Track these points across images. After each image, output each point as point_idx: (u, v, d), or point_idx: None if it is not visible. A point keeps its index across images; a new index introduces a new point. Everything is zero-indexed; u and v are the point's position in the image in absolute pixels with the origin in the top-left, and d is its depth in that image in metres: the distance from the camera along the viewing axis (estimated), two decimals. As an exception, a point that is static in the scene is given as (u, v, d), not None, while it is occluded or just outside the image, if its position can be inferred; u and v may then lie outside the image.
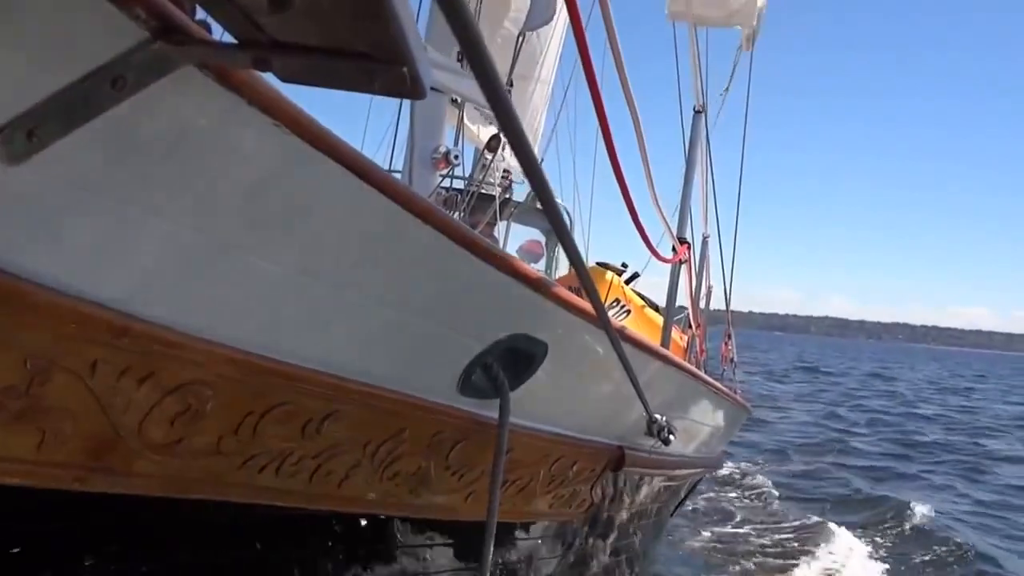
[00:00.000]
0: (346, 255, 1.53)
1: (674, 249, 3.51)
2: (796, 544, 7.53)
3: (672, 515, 5.97)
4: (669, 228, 3.37)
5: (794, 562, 6.91)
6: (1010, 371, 70.75)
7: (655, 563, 6.16)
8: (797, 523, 8.30)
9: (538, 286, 1.91)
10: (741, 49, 6.18)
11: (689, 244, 3.65)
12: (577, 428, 2.62)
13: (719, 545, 7.38)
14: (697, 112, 3.72)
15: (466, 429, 2.12)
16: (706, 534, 7.67)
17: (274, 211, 1.36)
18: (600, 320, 1.80)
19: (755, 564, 6.87)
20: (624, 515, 3.71)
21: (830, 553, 7.21)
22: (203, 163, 1.21)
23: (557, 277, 6.01)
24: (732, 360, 7.17)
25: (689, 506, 7.56)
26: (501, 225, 6.67)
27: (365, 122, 7.47)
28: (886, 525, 8.37)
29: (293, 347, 1.60)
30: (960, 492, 10.80)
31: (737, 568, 6.68)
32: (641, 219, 2.65)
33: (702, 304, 5.45)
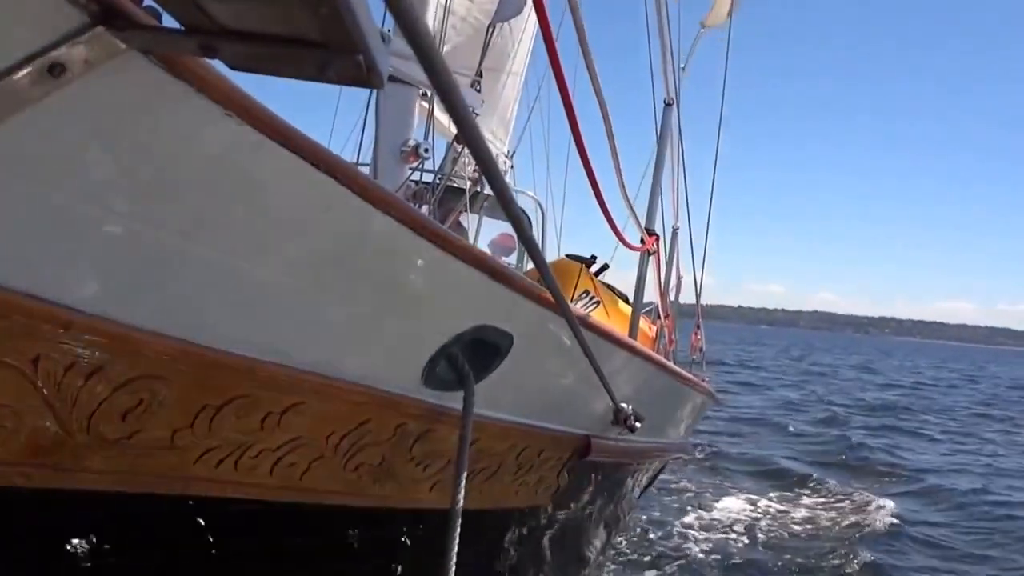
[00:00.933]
0: (302, 246, 1.51)
1: (642, 240, 3.54)
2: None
3: (639, 498, 6.08)
4: (636, 218, 3.40)
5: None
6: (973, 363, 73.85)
7: (622, 545, 6.38)
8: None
9: (503, 278, 1.92)
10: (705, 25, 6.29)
11: (658, 236, 3.69)
12: (543, 417, 2.64)
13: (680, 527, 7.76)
14: (667, 104, 3.75)
15: (431, 420, 2.12)
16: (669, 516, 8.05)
17: (224, 201, 1.34)
18: (561, 309, 1.81)
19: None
20: (591, 500, 3.75)
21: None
22: (149, 153, 1.19)
23: (528, 269, 6.04)
24: (701, 349, 7.30)
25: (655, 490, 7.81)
26: (473, 218, 6.68)
27: (334, 115, 7.44)
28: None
29: (249, 339, 1.58)
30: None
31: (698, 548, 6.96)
32: (611, 210, 2.69)
33: (672, 295, 5.51)
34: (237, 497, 1.83)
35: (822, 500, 9.60)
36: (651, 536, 7.24)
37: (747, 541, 7.40)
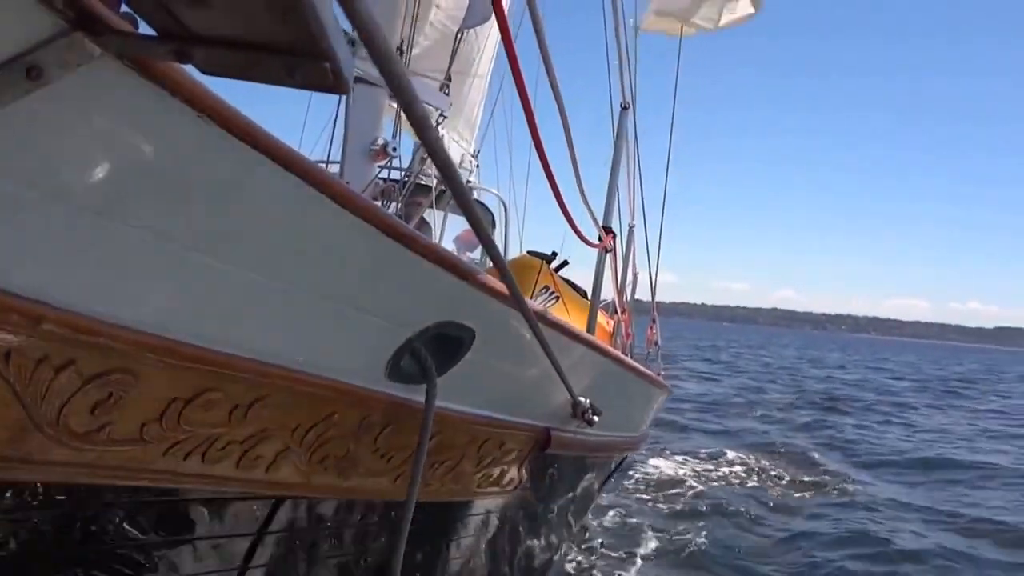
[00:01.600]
0: (271, 244, 1.54)
1: (600, 238, 3.63)
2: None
3: (600, 490, 6.18)
4: (594, 217, 3.49)
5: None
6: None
7: (585, 535, 6.51)
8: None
9: (465, 274, 1.96)
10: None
11: (615, 234, 3.79)
12: (505, 410, 2.71)
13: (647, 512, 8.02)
14: (624, 108, 3.84)
15: (395, 413, 2.17)
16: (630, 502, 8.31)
17: (193, 199, 1.37)
18: (517, 305, 1.86)
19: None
20: (552, 492, 3.83)
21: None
22: (122, 153, 1.22)
23: (490, 267, 6.09)
24: (656, 343, 7.44)
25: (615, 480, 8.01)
26: (438, 214, 6.76)
27: (305, 113, 7.47)
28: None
29: (217, 334, 1.61)
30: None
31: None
32: (571, 208, 2.77)
33: (629, 291, 5.64)
34: (204, 489, 1.85)
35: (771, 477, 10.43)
36: (611, 525, 7.40)
37: (703, 527, 7.59)
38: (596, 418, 2.99)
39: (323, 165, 5.53)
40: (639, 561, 6.43)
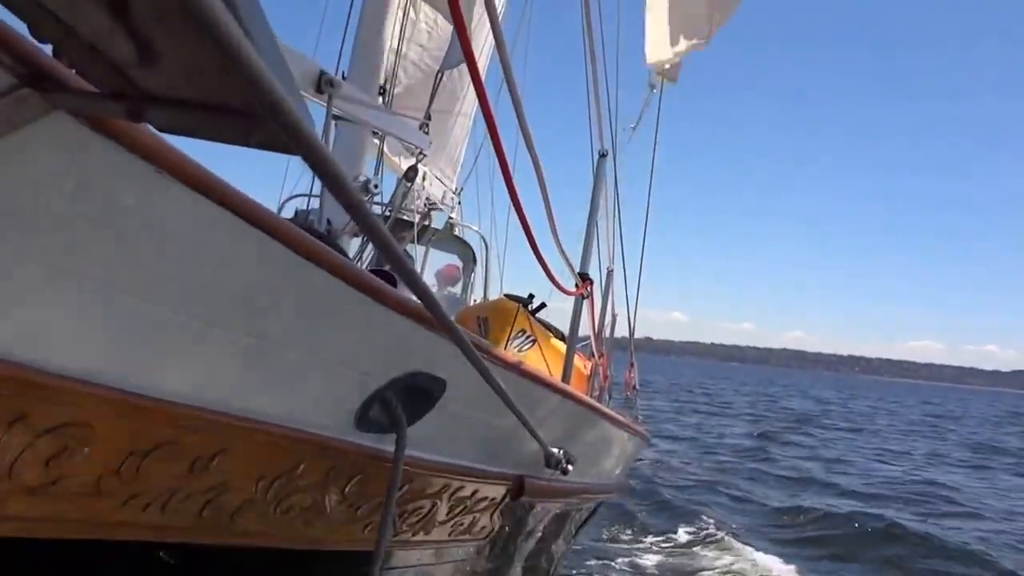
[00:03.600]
0: (232, 297, 1.52)
1: (577, 285, 3.63)
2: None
3: (575, 536, 6.09)
4: (571, 266, 3.49)
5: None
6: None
7: None
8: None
9: (435, 325, 1.94)
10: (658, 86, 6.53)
11: (592, 281, 3.79)
12: (477, 459, 2.66)
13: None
14: (602, 155, 3.87)
15: (363, 463, 2.13)
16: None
17: (147, 251, 1.34)
18: (478, 365, 1.83)
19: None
20: (526, 540, 3.76)
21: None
22: (74, 205, 1.20)
23: (466, 308, 6.10)
24: (635, 387, 7.40)
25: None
26: (420, 250, 6.77)
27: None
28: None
29: (175, 386, 1.57)
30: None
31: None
32: (550, 255, 2.76)
33: (607, 332, 5.64)
34: (167, 541, 1.80)
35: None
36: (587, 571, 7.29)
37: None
38: (571, 467, 2.95)
39: (305, 200, 5.54)
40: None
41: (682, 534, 8.89)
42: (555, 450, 2.88)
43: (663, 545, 8.44)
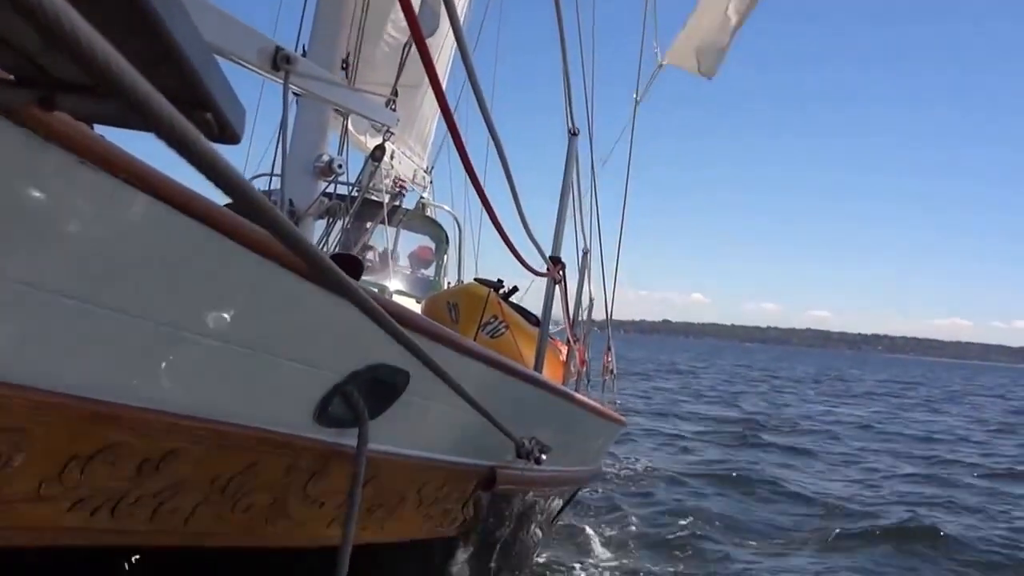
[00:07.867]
0: (176, 289, 1.45)
1: (548, 268, 3.57)
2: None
3: (552, 524, 6.07)
4: (540, 249, 3.43)
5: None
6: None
7: (537, 570, 6.36)
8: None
9: (398, 317, 1.89)
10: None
11: (564, 264, 3.73)
12: (445, 451, 2.62)
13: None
14: (572, 134, 3.78)
15: (326, 458, 2.07)
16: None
17: (87, 247, 1.27)
18: (438, 372, 1.78)
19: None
20: (501, 530, 3.73)
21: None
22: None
23: (434, 294, 6.01)
24: (612, 371, 7.35)
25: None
26: (391, 231, 6.63)
27: (252, 128, 7.26)
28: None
29: (118, 386, 1.50)
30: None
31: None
32: (519, 237, 2.72)
33: (584, 316, 5.58)
34: (118, 545, 1.75)
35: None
36: (566, 560, 7.28)
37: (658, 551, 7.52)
38: (544, 456, 2.91)
39: (266, 179, 5.38)
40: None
41: (669, 520, 8.73)
42: (526, 440, 2.83)
43: (647, 531, 8.36)
